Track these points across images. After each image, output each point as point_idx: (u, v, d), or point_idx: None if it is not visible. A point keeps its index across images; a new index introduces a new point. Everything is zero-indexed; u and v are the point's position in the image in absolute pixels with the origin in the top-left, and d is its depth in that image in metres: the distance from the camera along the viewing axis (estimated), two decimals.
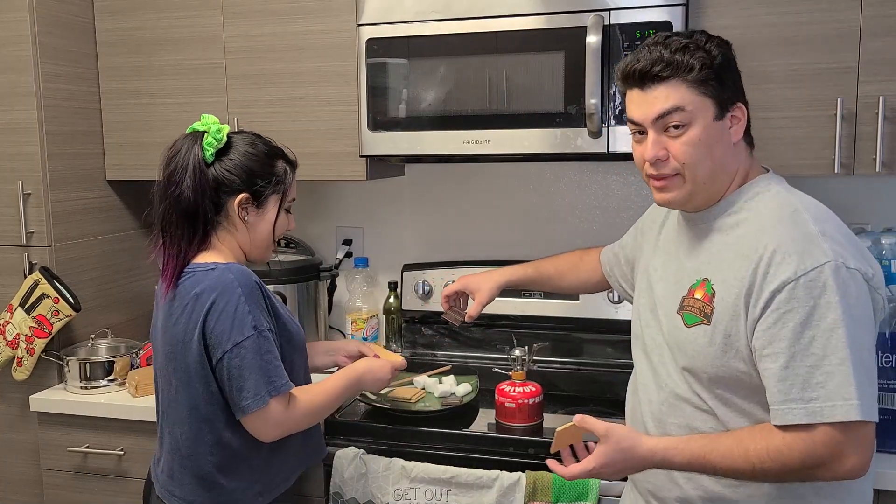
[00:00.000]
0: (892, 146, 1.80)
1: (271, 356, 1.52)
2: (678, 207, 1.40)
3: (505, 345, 2.00)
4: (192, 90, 2.29)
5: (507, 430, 1.82)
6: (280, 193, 1.64)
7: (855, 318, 1.19)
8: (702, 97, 1.29)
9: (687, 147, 1.30)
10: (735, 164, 1.35)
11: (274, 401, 1.52)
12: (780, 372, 1.20)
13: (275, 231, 1.65)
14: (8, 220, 2.20)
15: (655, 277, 1.48)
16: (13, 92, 2.16)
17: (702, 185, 1.33)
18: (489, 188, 2.45)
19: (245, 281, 1.52)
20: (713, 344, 1.29)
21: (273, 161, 1.63)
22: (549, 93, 1.93)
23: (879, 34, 1.78)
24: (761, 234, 1.27)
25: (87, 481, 2.15)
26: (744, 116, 1.34)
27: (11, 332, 2.16)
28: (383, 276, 2.55)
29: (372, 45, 2.05)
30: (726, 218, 1.35)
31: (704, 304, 1.32)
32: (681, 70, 1.29)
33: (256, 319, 1.51)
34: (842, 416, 1.17)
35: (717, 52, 1.30)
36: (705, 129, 1.29)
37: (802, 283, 1.20)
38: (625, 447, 1.31)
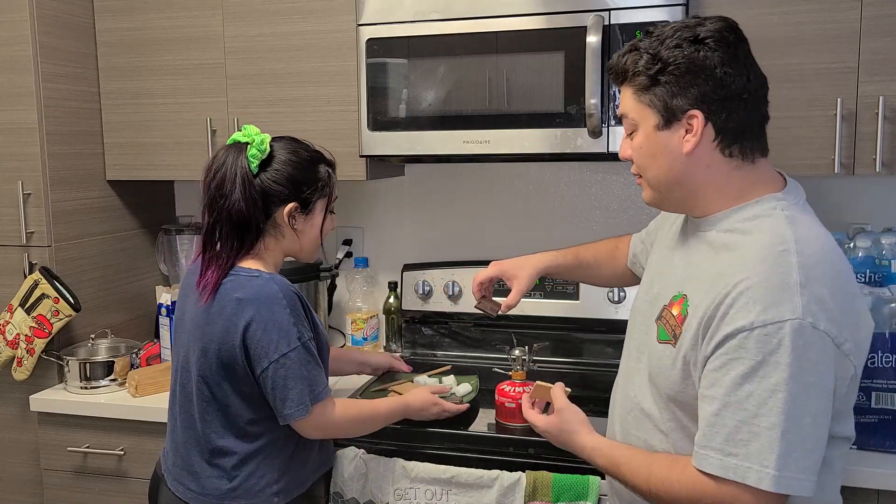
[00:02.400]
0: (892, 146, 1.80)
1: (312, 365, 1.58)
2: (658, 207, 1.37)
3: (505, 345, 2.00)
4: (192, 90, 2.29)
5: (507, 430, 1.81)
6: (326, 197, 1.68)
7: (805, 384, 1.11)
8: (641, 105, 1.25)
9: (634, 152, 1.30)
10: (706, 177, 1.25)
11: (317, 407, 1.59)
12: (711, 417, 1.16)
13: (322, 233, 1.70)
14: (8, 220, 2.20)
15: (654, 272, 1.45)
16: (13, 92, 2.16)
17: (658, 190, 1.30)
18: (489, 188, 2.45)
19: (288, 293, 1.57)
20: (674, 367, 1.26)
21: (315, 167, 1.66)
22: (549, 93, 1.93)
23: (879, 34, 1.78)
24: (738, 270, 1.17)
25: (87, 481, 2.15)
26: (699, 126, 1.21)
27: (11, 332, 2.16)
28: (383, 276, 2.55)
29: (372, 45, 2.05)
30: (720, 234, 1.26)
31: (676, 325, 1.27)
32: (624, 76, 1.28)
33: (300, 331, 1.56)
34: (753, 481, 1.12)
35: (667, 55, 1.21)
36: (646, 138, 1.27)
37: (757, 334, 1.12)
38: (565, 429, 1.48)
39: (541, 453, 1.74)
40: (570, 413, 1.50)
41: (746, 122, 1.23)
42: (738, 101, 1.21)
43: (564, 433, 1.48)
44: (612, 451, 1.36)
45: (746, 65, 1.23)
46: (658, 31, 1.25)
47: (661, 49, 1.22)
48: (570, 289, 2.29)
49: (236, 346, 1.55)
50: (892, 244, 1.90)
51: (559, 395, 1.56)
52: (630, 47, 1.27)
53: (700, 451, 1.18)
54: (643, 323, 1.40)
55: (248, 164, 1.58)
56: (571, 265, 1.78)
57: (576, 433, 1.46)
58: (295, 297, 1.58)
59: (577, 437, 1.45)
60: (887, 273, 1.88)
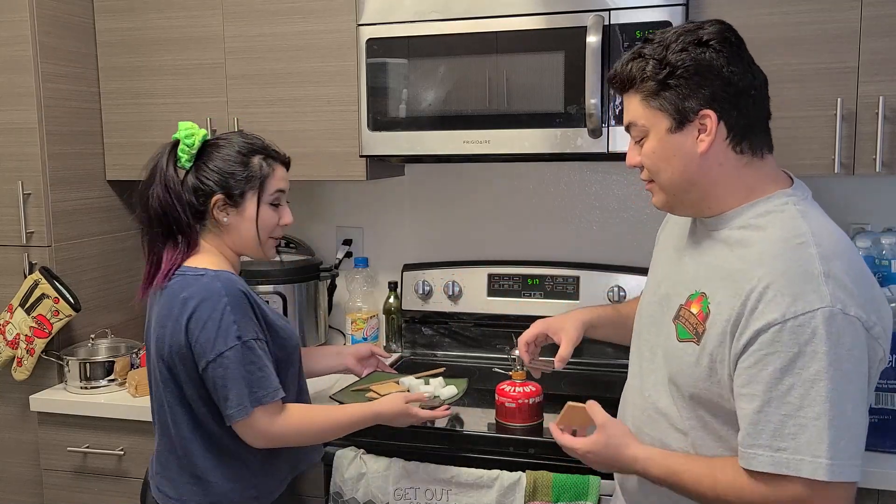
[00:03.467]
0: (891, 146, 1.80)
1: (256, 366, 1.52)
2: (670, 211, 1.37)
3: (505, 345, 2.00)
4: (192, 90, 2.29)
5: (507, 430, 1.81)
6: (255, 188, 1.62)
7: (843, 370, 1.12)
8: (652, 110, 1.26)
9: (645, 158, 1.29)
10: (719, 175, 1.26)
11: (259, 411, 1.52)
12: (754, 415, 1.16)
13: (259, 227, 1.64)
14: (8, 220, 2.20)
15: (663, 274, 1.43)
16: (13, 92, 2.16)
17: (673, 194, 1.29)
18: (489, 188, 2.45)
19: (232, 290, 1.53)
20: (699, 365, 1.25)
21: (247, 158, 1.62)
22: (549, 93, 1.93)
23: (879, 34, 1.78)
24: (759, 264, 1.19)
25: (87, 481, 2.15)
26: (713, 125, 1.22)
27: (11, 332, 2.16)
28: (383, 276, 2.55)
29: (372, 45, 2.05)
30: (734, 232, 1.27)
31: (697, 322, 1.27)
32: (631, 83, 1.28)
33: (242, 329, 1.51)
34: (808, 473, 1.12)
35: (673, 58, 1.23)
36: (659, 142, 1.26)
37: (790, 326, 1.13)
38: (613, 444, 1.36)
39: (541, 453, 1.74)
40: (614, 426, 1.39)
41: (754, 118, 1.26)
42: (746, 98, 1.24)
43: (612, 447, 1.36)
44: (668, 461, 1.30)
45: (749, 63, 1.26)
46: (659, 37, 1.26)
47: (668, 54, 1.23)
48: (569, 289, 2.29)
49: (184, 346, 1.52)
50: (892, 244, 1.90)
51: (598, 410, 1.42)
52: (633, 55, 1.28)
53: (747, 450, 1.17)
54: (653, 324, 1.40)
55: (176, 160, 1.60)
56: (613, 317, 1.72)
57: (625, 446, 1.35)
58: (240, 294, 1.54)
59: (626, 449, 1.35)
60: (887, 273, 1.88)
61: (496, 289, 2.36)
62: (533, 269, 2.33)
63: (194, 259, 1.60)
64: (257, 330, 1.55)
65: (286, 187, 1.68)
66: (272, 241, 1.69)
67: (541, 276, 2.32)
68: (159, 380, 1.59)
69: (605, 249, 2.33)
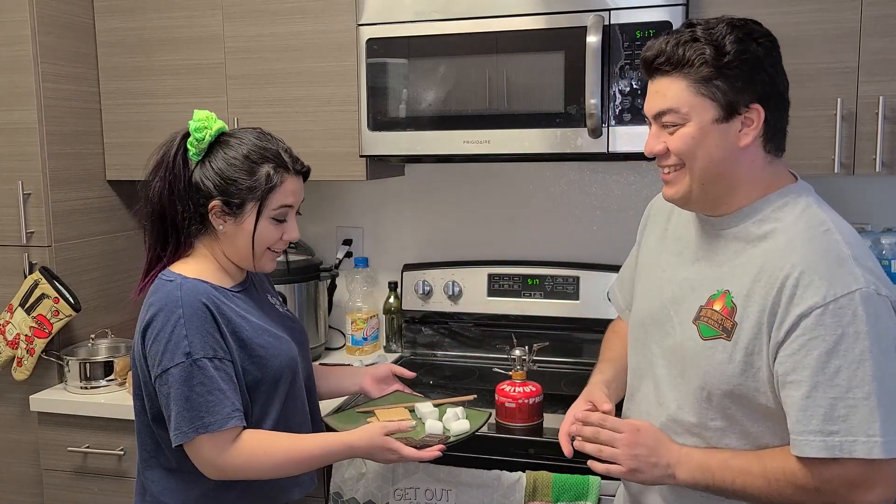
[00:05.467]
0: (892, 146, 1.80)
1: (205, 388, 1.37)
2: (683, 205, 1.32)
3: (505, 345, 2.00)
4: (192, 90, 2.29)
5: (507, 430, 1.81)
6: (257, 200, 1.45)
7: (884, 349, 1.14)
8: (700, 98, 1.22)
9: (680, 142, 1.25)
10: (747, 170, 1.26)
11: (204, 439, 1.37)
12: (802, 401, 1.15)
13: (255, 242, 1.47)
14: (8, 220, 2.20)
15: (665, 278, 1.39)
16: (13, 92, 2.16)
17: (701, 183, 1.26)
18: (489, 188, 2.45)
19: (191, 301, 1.39)
20: (732, 361, 1.23)
21: (255, 166, 1.45)
22: (549, 93, 1.93)
23: (879, 34, 1.78)
24: (789, 252, 1.20)
25: (87, 481, 2.15)
26: (759, 120, 1.23)
27: (11, 332, 2.16)
28: (383, 276, 2.55)
29: (372, 45, 2.05)
30: (751, 227, 1.27)
31: (724, 318, 1.25)
32: (680, 66, 1.22)
33: (193, 345, 1.37)
34: (863, 453, 1.12)
35: (733, 48, 1.20)
36: (700, 130, 1.23)
37: (832, 309, 1.14)
38: (654, 433, 1.31)
39: (541, 453, 1.74)
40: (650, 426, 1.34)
41: (784, 120, 1.29)
42: (782, 100, 1.27)
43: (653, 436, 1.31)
44: (710, 452, 1.27)
45: (782, 67, 1.29)
46: (707, 24, 1.23)
47: (727, 42, 1.21)
48: (570, 289, 2.29)
49: (141, 355, 1.43)
50: (892, 244, 1.91)
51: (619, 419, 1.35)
52: (685, 37, 1.23)
53: (799, 437, 1.16)
54: (659, 329, 1.37)
55: (185, 152, 1.47)
56: (618, 370, 1.58)
57: (666, 440, 1.31)
58: (200, 307, 1.39)
59: (668, 443, 1.30)
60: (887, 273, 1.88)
61: (496, 289, 2.36)
62: (533, 269, 2.33)
63: (181, 262, 1.48)
64: (217, 347, 1.39)
65: (295, 202, 1.51)
66: (271, 255, 1.53)
67: (541, 276, 2.32)
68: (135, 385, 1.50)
69: (605, 249, 2.33)
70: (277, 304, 1.66)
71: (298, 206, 1.53)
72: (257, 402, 1.47)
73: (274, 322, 1.56)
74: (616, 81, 1.87)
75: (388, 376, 1.77)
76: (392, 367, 1.79)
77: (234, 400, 1.40)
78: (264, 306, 1.58)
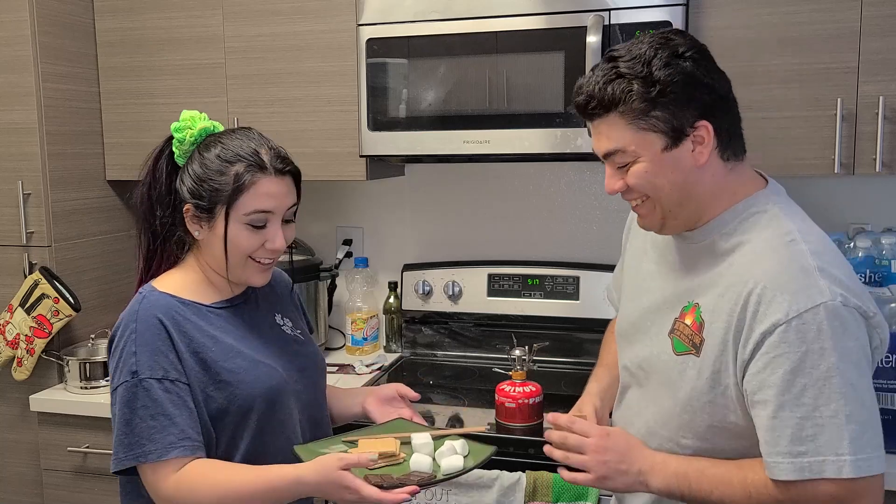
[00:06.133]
0: (892, 146, 1.80)
1: (148, 412, 1.24)
2: (660, 232, 1.29)
3: (505, 345, 2.00)
4: (192, 90, 2.29)
5: (507, 430, 1.81)
6: (224, 203, 1.30)
7: (853, 362, 1.11)
8: (642, 133, 1.18)
9: (638, 180, 1.21)
10: (711, 184, 1.23)
11: (144, 467, 1.26)
12: (769, 421, 1.13)
13: (227, 250, 1.32)
14: (8, 220, 2.20)
15: (645, 287, 1.37)
16: (13, 92, 2.16)
17: (670, 210, 1.23)
18: (489, 188, 2.45)
19: (145, 317, 1.28)
20: (701, 377, 1.21)
21: (226, 165, 1.31)
22: (549, 93, 1.93)
23: (879, 34, 1.78)
24: (753, 266, 1.17)
25: (87, 481, 2.15)
26: (710, 135, 1.19)
27: (11, 332, 2.16)
28: (383, 276, 2.55)
29: (372, 45, 2.05)
30: (719, 241, 1.24)
31: (693, 333, 1.23)
32: (614, 105, 1.18)
33: (141, 364, 1.25)
34: (832, 473, 1.09)
35: (661, 74, 1.16)
36: (653, 163, 1.19)
37: (795, 325, 1.10)
38: (624, 441, 1.27)
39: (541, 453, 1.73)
40: (621, 431, 1.30)
41: (734, 123, 1.25)
42: (727, 103, 1.23)
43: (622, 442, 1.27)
44: (688, 460, 1.23)
45: (718, 69, 1.24)
46: (628, 53, 1.19)
47: (653, 70, 1.17)
48: (570, 289, 2.29)
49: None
50: (892, 244, 1.90)
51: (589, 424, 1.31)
52: (609, 75, 1.19)
53: (769, 460, 1.14)
54: (641, 338, 1.35)
55: (170, 154, 1.38)
56: (614, 377, 1.54)
57: (637, 445, 1.27)
58: (154, 323, 1.27)
59: (640, 448, 1.27)
60: (887, 273, 1.88)
61: (496, 289, 2.36)
62: (533, 269, 2.33)
63: (167, 273, 1.39)
64: (168, 367, 1.26)
65: (275, 206, 1.32)
66: (256, 266, 1.36)
67: (541, 276, 2.32)
68: None
69: (605, 249, 2.33)
70: (286, 324, 1.49)
71: (286, 211, 1.35)
72: (223, 433, 1.32)
73: (264, 344, 1.40)
74: None
75: (394, 398, 1.52)
76: (399, 387, 1.54)
77: (183, 427, 1.25)
78: (261, 326, 1.44)
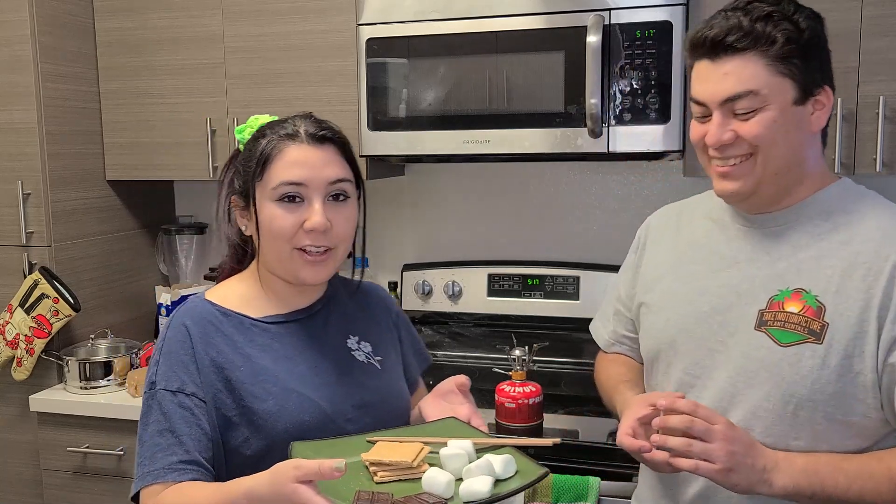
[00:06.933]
0: (892, 146, 1.80)
1: (157, 428, 1.12)
2: (739, 200, 1.20)
3: (505, 345, 2.00)
4: (192, 90, 2.28)
5: (507, 430, 1.81)
6: (255, 180, 1.17)
7: None
8: (780, 77, 1.12)
9: (760, 128, 1.12)
10: (812, 158, 1.18)
11: (144, 492, 1.11)
12: None
13: (261, 236, 1.18)
14: (8, 220, 2.20)
15: (694, 290, 1.26)
16: (13, 92, 2.16)
17: (773, 174, 1.15)
18: (489, 188, 2.45)
19: (177, 323, 1.18)
20: (826, 366, 1.11)
21: (257, 141, 1.20)
22: (549, 92, 1.93)
23: (879, 34, 1.78)
24: (888, 241, 1.12)
25: (87, 481, 2.15)
26: (829, 102, 1.16)
27: (11, 332, 2.16)
28: (383, 276, 2.55)
29: (372, 44, 2.05)
30: (818, 220, 1.18)
31: (809, 320, 1.13)
32: (760, 42, 1.11)
33: (159, 373, 1.15)
34: None
35: (806, 26, 1.13)
36: (782, 113, 1.12)
37: None
38: (748, 439, 1.13)
39: (541, 454, 1.74)
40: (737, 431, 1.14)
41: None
42: (834, 89, 1.20)
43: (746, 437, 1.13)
44: (816, 455, 1.13)
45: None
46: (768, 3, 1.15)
47: (801, 19, 1.13)
48: (570, 289, 2.29)
49: None
50: None
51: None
52: (763, 12, 1.13)
53: None
54: (702, 346, 1.23)
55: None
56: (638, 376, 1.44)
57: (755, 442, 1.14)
58: (180, 330, 1.16)
59: (758, 445, 1.13)
60: None
61: (496, 289, 2.36)
62: (533, 269, 2.33)
63: (225, 282, 1.28)
64: (186, 379, 1.13)
65: (306, 176, 1.15)
66: (301, 257, 1.17)
67: (541, 276, 2.32)
68: None
69: (605, 249, 2.33)
70: (361, 349, 1.28)
71: (328, 185, 1.17)
72: (239, 466, 1.13)
73: (316, 370, 1.20)
74: (616, 81, 1.87)
75: (451, 391, 1.24)
76: (457, 379, 1.24)
77: (189, 447, 1.11)
78: (322, 348, 1.23)
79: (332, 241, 1.19)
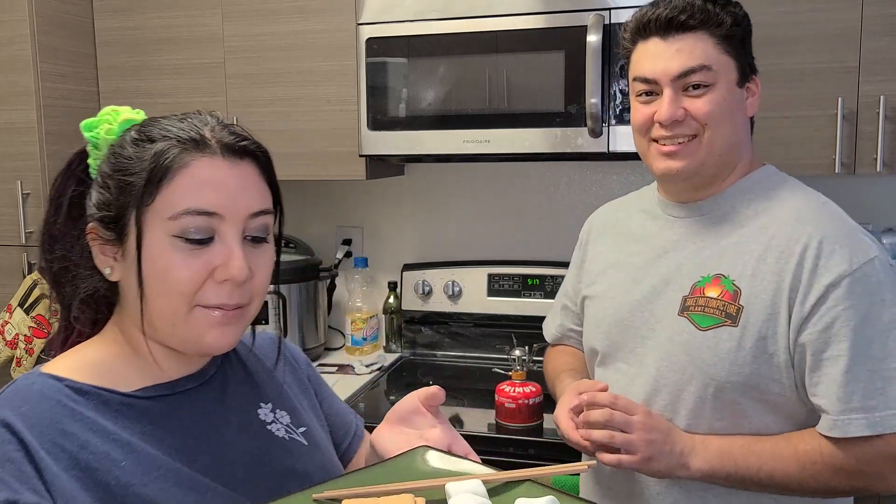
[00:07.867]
0: (892, 146, 1.80)
1: None
2: (681, 179, 1.22)
3: (505, 345, 1.99)
4: (192, 90, 2.28)
5: (507, 430, 1.81)
6: (146, 201, 0.82)
7: None
8: (727, 57, 1.17)
9: (710, 105, 1.17)
10: (746, 143, 1.23)
11: None
12: (842, 377, 1.08)
13: (143, 282, 0.82)
14: (7, 219, 2.20)
15: (630, 280, 1.30)
16: (13, 92, 2.16)
17: (717, 154, 1.19)
18: (489, 188, 2.45)
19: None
20: (742, 348, 1.14)
21: (143, 147, 0.88)
22: (549, 92, 1.93)
23: (880, 34, 1.78)
24: (800, 225, 1.15)
25: None
26: (758, 92, 1.23)
27: (10, 332, 2.16)
28: (383, 276, 2.55)
29: (372, 44, 2.05)
30: (740, 207, 1.22)
31: (726, 304, 1.16)
32: (711, 22, 1.16)
33: None
34: None
35: (743, 14, 1.20)
36: (730, 93, 1.18)
37: (858, 277, 1.09)
38: (665, 425, 1.17)
39: (541, 453, 1.74)
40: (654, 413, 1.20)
41: None
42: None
43: (664, 423, 1.17)
44: (731, 438, 1.16)
45: None
46: None
47: (737, 11, 1.20)
48: None
49: None
50: (893, 244, 1.90)
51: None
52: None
53: (840, 417, 1.09)
54: (635, 335, 1.27)
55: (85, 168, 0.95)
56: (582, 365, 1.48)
57: (675, 428, 1.18)
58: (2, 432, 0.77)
59: (678, 430, 1.18)
60: None
61: (496, 289, 2.36)
62: (533, 269, 2.33)
63: (75, 348, 0.89)
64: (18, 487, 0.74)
65: (223, 205, 0.82)
66: (206, 318, 0.83)
67: (541, 276, 2.31)
68: None
69: None
70: (280, 421, 0.96)
71: (248, 219, 0.84)
72: None
73: (221, 457, 0.87)
74: (616, 81, 1.87)
75: (415, 411, 0.92)
76: (420, 394, 0.92)
77: None
78: (226, 425, 0.90)
79: (247, 297, 0.85)
